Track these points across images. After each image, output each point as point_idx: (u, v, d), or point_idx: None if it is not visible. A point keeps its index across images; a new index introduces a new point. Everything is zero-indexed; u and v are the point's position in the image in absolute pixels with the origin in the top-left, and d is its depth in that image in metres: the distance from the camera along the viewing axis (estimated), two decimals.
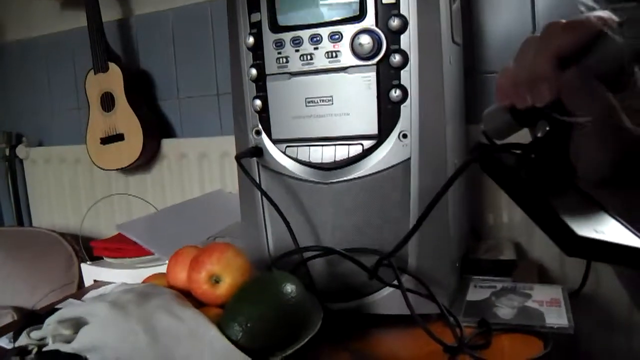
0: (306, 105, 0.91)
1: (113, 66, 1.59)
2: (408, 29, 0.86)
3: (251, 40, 0.93)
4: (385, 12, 0.86)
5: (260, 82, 0.94)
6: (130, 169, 1.61)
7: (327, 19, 0.89)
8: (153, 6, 1.62)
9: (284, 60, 0.91)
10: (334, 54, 0.88)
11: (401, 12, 0.86)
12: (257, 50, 0.93)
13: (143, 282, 0.90)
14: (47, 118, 1.91)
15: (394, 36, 0.86)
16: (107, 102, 1.57)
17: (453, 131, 0.94)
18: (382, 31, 0.86)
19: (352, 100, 0.89)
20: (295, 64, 0.90)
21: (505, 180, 0.40)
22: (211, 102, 1.56)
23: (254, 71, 0.94)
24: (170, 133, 1.65)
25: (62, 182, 1.82)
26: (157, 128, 1.65)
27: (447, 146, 0.88)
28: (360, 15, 0.87)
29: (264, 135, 0.96)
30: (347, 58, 0.88)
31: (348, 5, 0.88)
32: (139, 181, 1.64)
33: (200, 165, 1.56)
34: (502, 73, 0.43)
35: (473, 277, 1.01)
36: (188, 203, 1.32)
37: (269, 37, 0.91)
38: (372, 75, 0.87)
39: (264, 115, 0.95)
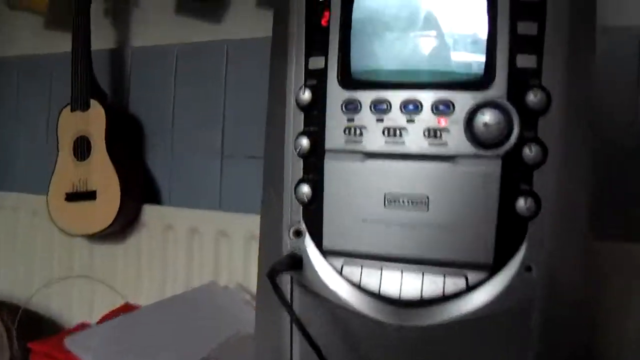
0: (385, 206, 0.59)
1: (95, 104, 1.26)
2: (551, 110, 0.55)
3: (307, 95, 0.62)
4: (521, 81, 0.56)
5: (313, 159, 0.62)
6: (99, 238, 1.25)
7: (431, 79, 0.58)
8: (155, 38, 1.32)
9: (357, 131, 0.60)
10: (437, 133, 0.58)
11: (543, 82, 0.55)
12: (314, 110, 0.62)
13: None
14: (7, 155, 1.55)
15: (529, 118, 0.55)
16: (82, 148, 1.24)
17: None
18: (516, 108, 0.55)
19: (459, 206, 0.57)
20: (375, 140, 0.59)
21: None
22: (212, 165, 1.25)
23: (305, 141, 0.62)
24: (156, 197, 1.31)
25: (15, 236, 1.45)
26: (139, 189, 1.30)
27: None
28: (486, 81, 0.56)
29: (307, 240, 0.63)
30: (458, 141, 0.57)
31: (466, 64, 0.58)
32: (109, 255, 1.29)
33: (189, 244, 1.22)
34: None
35: None
36: (168, 303, 0.96)
37: (336, 95, 0.61)
38: (495, 172, 0.56)
39: (312, 209, 0.62)
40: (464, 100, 0.58)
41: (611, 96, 0.95)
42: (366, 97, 0.60)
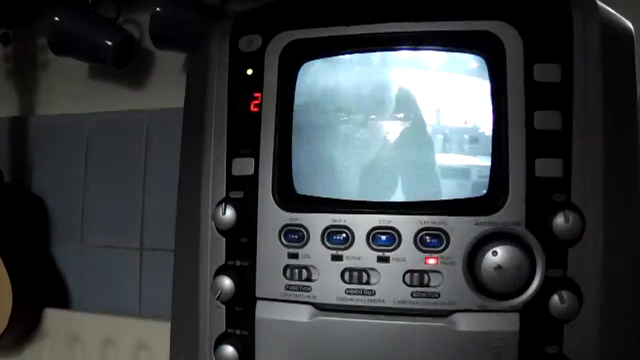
0: None
1: None
2: (585, 238, 0.36)
3: (229, 215, 0.42)
4: (543, 197, 0.37)
5: (240, 309, 0.41)
6: None
7: (412, 195, 0.38)
8: (64, 106, 1.11)
9: (304, 273, 0.40)
10: (425, 278, 0.38)
11: (573, 198, 0.36)
12: (241, 237, 0.42)
13: None
14: None
15: (557, 252, 0.37)
16: None
17: None
18: (538, 239, 0.36)
19: None
20: (330, 287, 0.41)
21: None
22: (130, 260, 1.03)
23: (227, 283, 0.42)
24: (62, 300, 1.07)
25: None
26: (39, 289, 1.08)
27: None
28: (494, 199, 0.36)
29: None
30: (455, 290, 0.37)
31: (463, 171, 0.38)
32: None
33: (102, 358, 1.00)
34: None
35: None
36: None
37: (272, 217, 0.42)
38: (511, 332, 0.36)
39: None
40: (462, 229, 0.39)
41: None
42: (316, 222, 0.41)
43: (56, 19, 0.94)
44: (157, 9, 0.80)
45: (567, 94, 0.40)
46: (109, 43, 0.91)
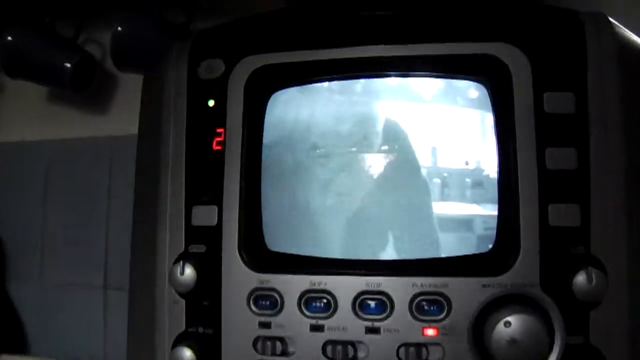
0: None
1: None
2: (608, 299, 0.31)
3: (189, 275, 0.35)
4: (559, 251, 0.31)
5: None
6: None
7: (405, 252, 0.31)
8: (21, 132, 1.03)
9: (278, 346, 0.33)
10: (423, 353, 0.30)
11: (592, 250, 0.29)
12: (203, 300, 0.34)
13: None
14: None
15: (577, 315, 0.30)
16: None
17: None
18: (555, 302, 0.30)
19: None
20: None
21: None
22: (93, 299, 0.94)
23: (187, 356, 0.34)
24: (20, 345, 0.99)
25: None
26: None
27: None
28: (504, 256, 0.30)
29: None
30: None
31: (465, 221, 0.32)
32: None
33: None
34: None
35: None
36: None
37: (239, 278, 0.35)
38: None
39: None
40: (466, 293, 0.32)
41: None
42: (291, 285, 0.34)
43: (9, 38, 0.86)
44: (119, 27, 0.73)
45: (582, 127, 0.34)
46: (68, 65, 0.84)
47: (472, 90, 0.35)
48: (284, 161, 0.36)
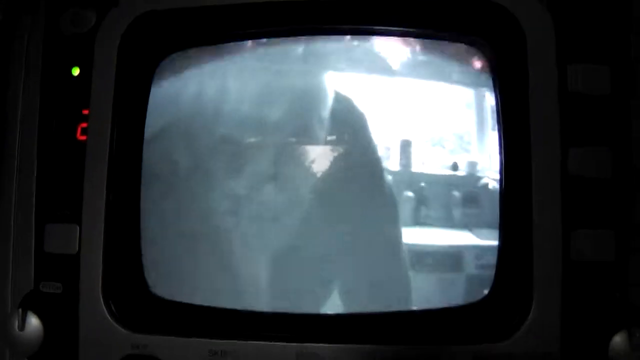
0: None
1: None
2: None
3: (32, 331, 0.21)
4: (587, 304, 0.19)
5: None
6: None
7: (352, 306, 0.19)
8: None
9: None
10: None
11: (632, 296, 0.18)
12: None
13: None
14: None
15: None
16: None
17: None
18: None
19: None
20: None
21: None
22: None
23: None
24: None
25: None
26: None
27: None
28: (505, 308, 0.18)
29: None
30: None
31: (453, 255, 0.19)
32: None
33: None
34: None
35: None
36: None
37: (104, 337, 0.20)
38: None
39: None
40: None
41: None
42: (182, 352, 0.20)
43: None
44: None
45: (619, 114, 0.23)
46: None
47: (465, 57, 0.23)
48: (176, 162, 0.23)
